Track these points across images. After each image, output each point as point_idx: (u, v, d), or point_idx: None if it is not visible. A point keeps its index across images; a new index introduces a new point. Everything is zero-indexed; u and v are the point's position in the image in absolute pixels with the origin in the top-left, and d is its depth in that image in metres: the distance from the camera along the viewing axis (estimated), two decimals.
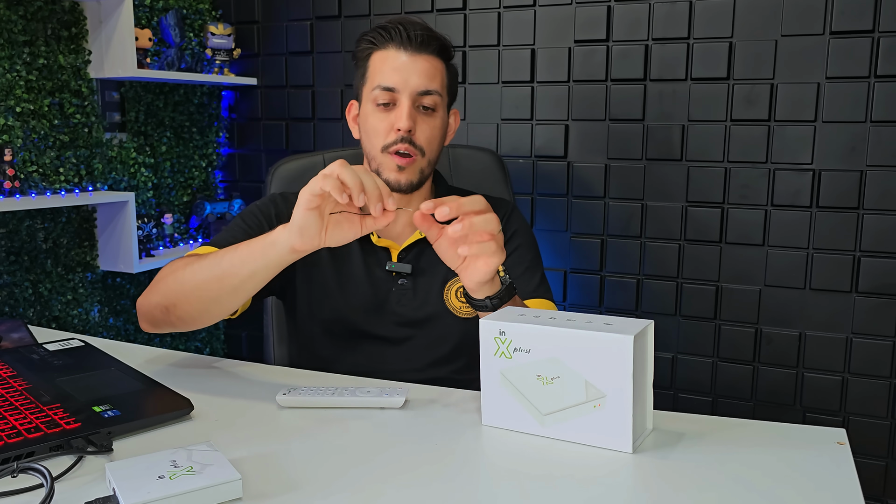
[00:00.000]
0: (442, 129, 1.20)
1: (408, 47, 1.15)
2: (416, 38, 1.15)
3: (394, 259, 1.22)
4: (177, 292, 1.02)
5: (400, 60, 1.15)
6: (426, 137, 1.16)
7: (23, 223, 1.82)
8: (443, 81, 1.18)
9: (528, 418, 0.83)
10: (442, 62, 1.19)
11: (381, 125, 1.15)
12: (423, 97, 1.15)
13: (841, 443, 0.81)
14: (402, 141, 1.14)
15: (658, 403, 0.82)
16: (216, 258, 0.98)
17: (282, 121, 2.31)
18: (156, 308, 1.05)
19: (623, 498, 0.71)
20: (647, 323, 0.80)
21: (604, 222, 1.94)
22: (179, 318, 1.03)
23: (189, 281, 1.00)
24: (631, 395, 0.76)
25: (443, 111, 1.20)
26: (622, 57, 1.87)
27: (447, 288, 1.23)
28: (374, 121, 1.16)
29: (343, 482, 0.72)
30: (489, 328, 0.84)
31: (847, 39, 1.67)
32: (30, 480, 0.71)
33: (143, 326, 1.09)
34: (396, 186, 1.17)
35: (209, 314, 1.02)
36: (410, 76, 1.14)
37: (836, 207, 1.73)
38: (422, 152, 1.16)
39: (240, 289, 0.97)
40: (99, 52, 1.94)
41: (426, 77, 1.15)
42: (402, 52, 1.15)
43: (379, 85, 1.15)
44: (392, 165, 1.15)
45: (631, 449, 0.77)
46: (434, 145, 1.19)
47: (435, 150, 1.19)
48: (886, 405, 1.74)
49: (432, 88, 1.16)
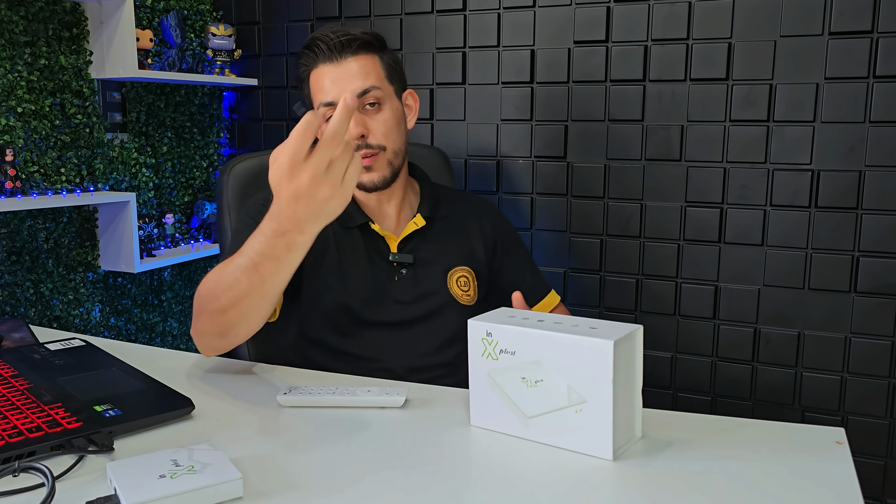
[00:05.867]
0: (395, 118, 1.23)
1: (332, 57, 1.19)
2: (336, 47, 1.18)
3: (393, 249, 1.26)
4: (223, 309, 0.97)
5: (330, 73, 1.19)
6: (381, 132, 1.20)
7: (24, 223, 1.83)
8: (378, 74, 1.21)
9: (513, 420, 0.82)
10: (372, 55, 1.22)
11: None
12: (364, 97, 1.19)
13: (840, 442, 0.81)
14: (358, 147, 1.18)
15: (657, 403, 0.82)
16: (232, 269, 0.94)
17: (282, 121, 2.32)
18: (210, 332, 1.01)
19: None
20: (633, 328, 0.79)
21: (603, 222, 1.95)
22: (235, 334, 0.99)
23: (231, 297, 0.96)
24: (611, 401, 0.75)
25: (391, 101, 1.23)
26: (621, 58, 1.88)
27: (449, 276, 1.29)
28: None
29: (343, 481, 0.73)
30: (476, 329, 0.83)
31: (846, 40, 1.68)
32: (31, 480, 0.71)
33: (205, 353, 1.05)
34: (371, 186, 1.23)
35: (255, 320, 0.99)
36: (344, 84, 1.18)
37: (835, 207, 1.73)
38: (381, 147, 1.21)
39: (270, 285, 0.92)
40: (100, 53, 1.94)
41: (359, 78, 1.19)
42: (329, 65, 1.20)
43: (321, 102, 1.20)
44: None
45: (611, 456, 0.76)
46: (392, 135, 1.22)
47: (396, 140, 1.23)
48: (885, 404, 1.74)
49: (368, 86, 1.19)
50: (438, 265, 1.29)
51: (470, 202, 1.41)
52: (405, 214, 1.32)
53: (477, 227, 1.37)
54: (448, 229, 1.33)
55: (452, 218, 1.35)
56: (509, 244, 1.41)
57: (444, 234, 1.32)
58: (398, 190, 1.30)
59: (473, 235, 1.36)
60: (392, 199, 1.30)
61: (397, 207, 1.31)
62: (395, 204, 1.31)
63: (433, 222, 1.31)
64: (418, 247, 1.28)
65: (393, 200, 1.30)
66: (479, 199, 1.45)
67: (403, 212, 1.32)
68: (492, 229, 1.38)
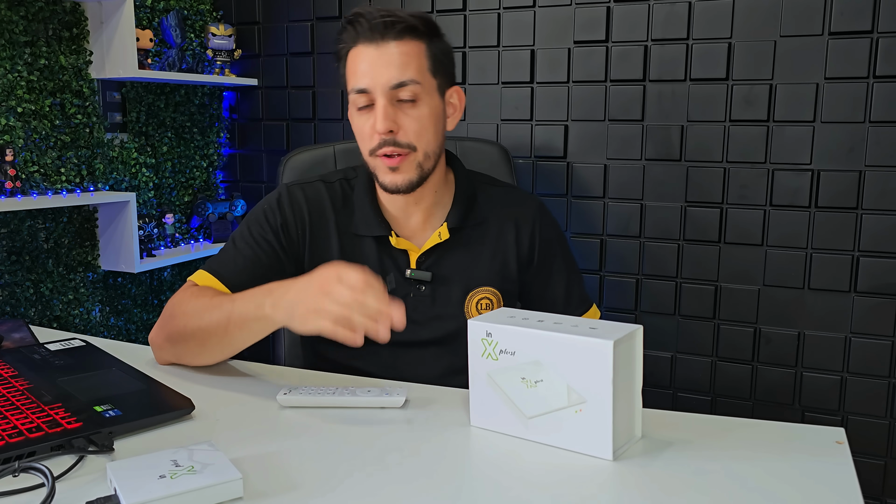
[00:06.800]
0: (431, 117, 1.09)
1: (373, 38, 1.06)
2: (377, 27, 1.05)
3: (412, 263, 1.15)
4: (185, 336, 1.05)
5: (368, 56, 1.06)
6: (413, 132, 1.07)
7: (24, 223, 1.83)
8: (420, 65, 1.07)
9: (513, 420, 0.82)
10: (418, 42, 1.07)
11: (364, 129, 1.09)
12: (399, 90, 1.06)
13: (840, 442, 0.81)
14: (385, 144, 1.07)
15: (657, 403, 0.82)
16: (213, 312, 1.01)
17: (282, 121, 2.32)
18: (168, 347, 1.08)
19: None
20: (633, 328, 0.78)
21: (603, 222, 1.95)
22: (189, 358, 1.08)
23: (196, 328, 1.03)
24: (611, 401, 0.75)
25: (429, 97, 1.09)
26: (621, 57, 1.88)
27: (468, 298, 1.17)
28: (357, 124, 1.11)
29: (343, 482, 0.73)
30: (476, 329, 0.83)
31: (846, 40, 1.68)
32: (31, 480, 0.71)
33: (159, 360, 1.11)
34: (394, 188, 1.10)
35: (215, 357, 1.07)
36: (380, 71, 1.05)
37: (835, 207, 1.73)
38: (411, 147, 1.08)
39: (238, 343, 1.02)
40: (100, 53, 1.94)
41: (397, 67, 1.05)
42: (369, 46, 1.06)
43: (353, 88, 1.08)
44: (383, 168, 1.10)
45: (611, 456, 0.76)
46: (426, 137, 1.09)
47: (429, 142, 1.09)
48: (885, 404, 1.74)
49: (405, 79, 1.05)
50: (459, 284, 1.16)
51: (513, 202, 1.24)
52: (433, 221, 1.18)
53: (513, 235, 1.21)
54: (479, 238, 1.19)
55: (486, 224, 1.20)
56: (548, 255, 1.24)
57: (473, 244, 1.19)
58: (428, 194, 1.16)
59: (508, 246, 1.20)
60: (420, 203, 1.16)
61: (425, 213, 1.18)
62: (424, 209, 1.17)
63: (461, 231, 1.17)
64: (439, 262, 1.16)
65: (421, 204, 1.16)
66: (524, 198, 1.26)
67: (433, 217, 1.18)
68: (530, 237, 1.22)
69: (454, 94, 1.15)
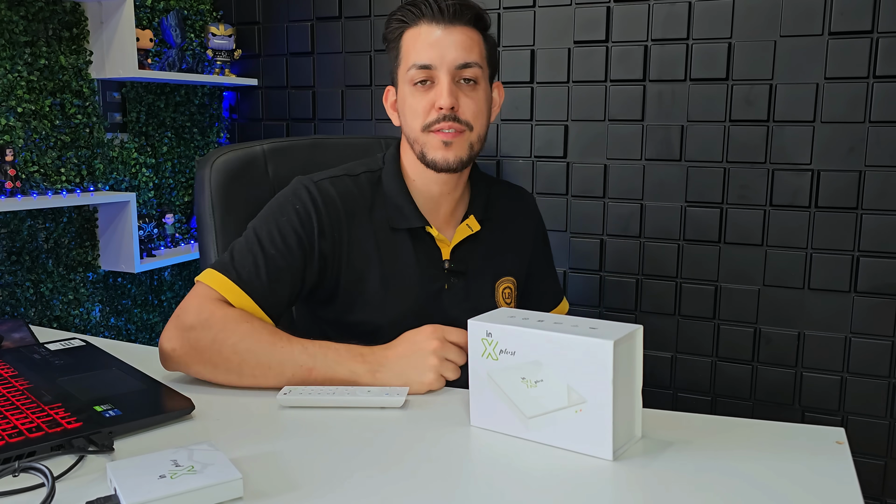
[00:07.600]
0: (486, 101, 1.12)
1: (440, 20, 1.08)
2: (448, 10, 1.08)
3: (446, 256, 1.17)
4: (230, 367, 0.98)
5: (434, 35, 1.08)
6: (472, 112, 1.09)
7: (24, 223, 1.83)
8: (481, 52, 1.11)
9: (513, 420, 0.82)
10: (478, 32, 1.11)
11: (421, 105, 1.09)
12: (463, 70, 1.08)
13: (840, 442, 0.81)
14: (446, 119, 1.08)
15: (657, 403, 0.82)
16: (276, 355, 0.96)
17: (282, 121, 2.32)
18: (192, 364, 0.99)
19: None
20: (633, 328, 0.78)
21: (603, 222, 1.95)
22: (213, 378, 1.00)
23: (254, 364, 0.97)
24: (611, 401, 0.74)
25: (485, 83, 1.12)
26: (621, 57, 1.88)
27: (497, 287, 1.21)
28: (412, 101, 1.10)
29: (343, 481, 0.73)
30: (476, 329, 0.83)
31: (846, 40, 1.68)
32: (31, 480, 0.71)
33: (169, 368, 1.02)
34: (445, 165, 1.10)
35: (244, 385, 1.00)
36: (447, 50, 1.07)
37: (835, 207, 1.73)
38: (469, 127, 1.10)
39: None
40: (100, 53, 1.94)
41: (463, 49, 1.08)
42: (434, 27, 1.08)
43: (414, 64, 1.08)
44: (436, 143, 1.09)
45: (612, 456, 0.76)
46: (481, 119, 1.11)
47: (483, 125, 1.12)
48: (885, 404, 1.74)
49: (471, 60, 1.08)
50: (489, 275, 1.20)
51: (516, 196, 1.30)
52: (458, 214, 1.20)
53: (524, 227, 1.28)
54: (499, 232, 1.23)
55: (504, 219, 1.25)
56: (543, 247, 1.33)
57: (496, 237, 1.22)
58: (461, 183, 1.18)
59: (522, 237, 1.27)
60: (454, 192, 1.17)
61: (453, 204, 1.19)
62: (453, 199, 1.18)
63: (484, 224, 1.20)
64: (470, 253, 1.18)
65: (454, 193, 1.18)
66: (522, 193, 1.33)
67: (457, 210, 1.20)
68: (534, 230, 1.30)
69: (496, 88, 1.19)
